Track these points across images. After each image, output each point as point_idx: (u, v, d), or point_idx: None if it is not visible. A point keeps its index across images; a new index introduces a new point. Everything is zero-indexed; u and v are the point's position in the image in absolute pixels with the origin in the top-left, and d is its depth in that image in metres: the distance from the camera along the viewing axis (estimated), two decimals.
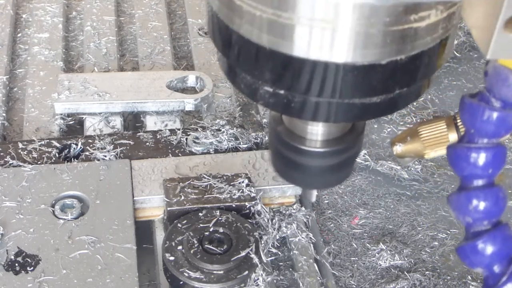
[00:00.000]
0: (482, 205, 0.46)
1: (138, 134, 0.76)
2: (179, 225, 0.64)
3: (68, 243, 0.63)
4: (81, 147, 0.74)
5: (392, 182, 0.78)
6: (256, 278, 0.61)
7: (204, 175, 0.69)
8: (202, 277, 0.60)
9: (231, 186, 0.68)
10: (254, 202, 0.67)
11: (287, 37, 0.38)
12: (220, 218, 0.65)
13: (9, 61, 0.90)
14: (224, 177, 0.69)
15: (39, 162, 0.71)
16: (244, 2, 0.38)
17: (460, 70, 0.96)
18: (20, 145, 0.73)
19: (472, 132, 0.45)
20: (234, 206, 0.66)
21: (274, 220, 0.68)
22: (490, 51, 0.38)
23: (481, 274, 0.68)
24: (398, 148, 0.58)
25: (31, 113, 0.82)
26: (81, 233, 0.64)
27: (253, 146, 0.76)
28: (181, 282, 0.60)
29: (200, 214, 0.65)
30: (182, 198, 0.67)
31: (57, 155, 0.73)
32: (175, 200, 0.66)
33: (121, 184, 0.69)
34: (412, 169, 0.78)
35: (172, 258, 0.61)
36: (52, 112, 0.81)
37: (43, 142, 0.74)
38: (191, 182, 0.68)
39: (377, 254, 0.69)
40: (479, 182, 0.47)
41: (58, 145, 0.74)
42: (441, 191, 0.77)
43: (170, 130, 0.77)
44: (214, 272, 0.60)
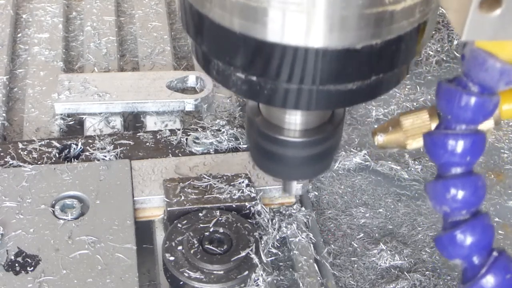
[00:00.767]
0: (460, 194, 0.45)
1: (138, 134, 0.76)
2: (179, 225, 0.64)
3: (68, 243, 0.63)
4: (81, 147, 0.74)
5: (392, 182, 0.78)
6: (256, 278, 0.61)
7: (204, 175, 0.69)
8: (202, 277, 0.60)
9: (231, 186, 0.68)
10: (254, 202, 0.67)
11: (259, 21, 0.37)
12: (220, 218, 0.65)
13: (9, 61, 0.90)
14: (224, 177, 0.69)
15: (39, 162, 0.71)
16: None
17: (460, 70, 0.96)
18: (20, 145, 0.73)
19: (449, 118, 0.44)
20: (234, 206, 0.66)
21: (274, 220, 0.68)
22: (465, 32, 0.37)
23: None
24: (380, 138, 0.56)
25: (31, 113, 0.82)
26: (81, 233, 0.64)
27: None
28: (181, 282, 0.60)
29: (200, 214, 0.65)
30: (182, 198, 0.67)
31: (57, 155, 0.73)
32: (175, 200, 0.66)
33: (121, 184, 0.69)
34: (412, 169, 0.78)
35: (172, 258, 0.61)
36: (52, 112, 0.81)
37: (43, 142, 0.74)
38: (191, 182, 0.68)
39: (377, 254, 0.69)
40: (457, 170, 0.45)
41: (58, 145, 0.74)
42: None
43: (170, 130, 0.77)
44: (214, 272, 0.60)
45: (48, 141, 0.74)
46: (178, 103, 0.82)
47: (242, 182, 0.68)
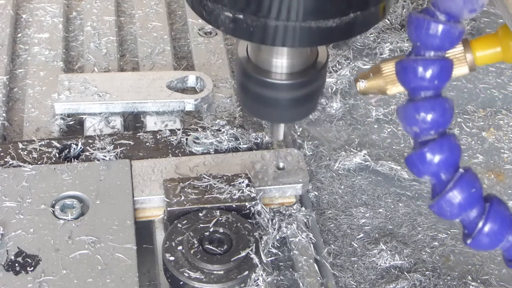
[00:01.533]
0: (429, 115, 0.48)
1: (138, 134, 0.76)
2: (179, 225, 0.64)
3: (68, 243, 0.63)
4: (81, 147, 0.74)
5: (392, 182, 0.78)
6: (256, 278, 0.61)
7: (204, 175, 0.69)
8: (202, 277, 0.60)
9: (231, 186, 0.68)
10: (254, 202, 0.67)
11: None
12: (220, 218, 0.65)
13: (9, 61, 0.90)
14: (224, 177, 0.69)
15: (39, 162, 0.71)
16: None
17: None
18: (20, 145, 0.73)
19: (418, 45, 0.47)
20: (234, 206, 0.66)
21: (274, 220, 0.68)
22: None
23: (481, 274, 0.68)
24: (361, 84, 0.59)
25: (31, 113, 0.82)
26: (81, 233, 0.64)
27: (253, 146, 0.76)
28: (181, 282, 0.60)
29: (200, 214, 0.65)
30: (182, 198, 0.67)
31: (57, 155, 0.73)
32: (175, 200, 0.66)
33: (121, 184, 0.69)
34: None
35: (172, 258, 0.61)
36: (52, 112, 0.81)
37: (43, 142, 0.74)
38: (191, 182, 0.68)
39: (377, 255, 0.69)
40: (426, 94, 0.48)
41: (58, 145, 0.74)
42: None
43: (170, 130, 0.77)
44: (214, 272, 0.60)
45: (48, 141, 0.74)
46: (178, 103, 0.82)
47: (242, 182, 0.68)
